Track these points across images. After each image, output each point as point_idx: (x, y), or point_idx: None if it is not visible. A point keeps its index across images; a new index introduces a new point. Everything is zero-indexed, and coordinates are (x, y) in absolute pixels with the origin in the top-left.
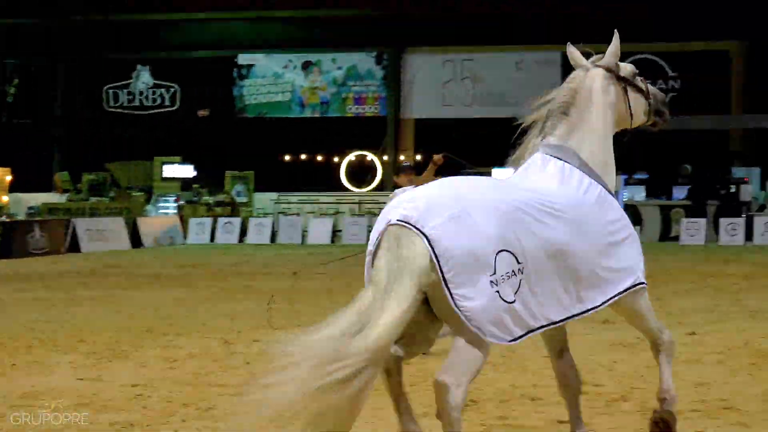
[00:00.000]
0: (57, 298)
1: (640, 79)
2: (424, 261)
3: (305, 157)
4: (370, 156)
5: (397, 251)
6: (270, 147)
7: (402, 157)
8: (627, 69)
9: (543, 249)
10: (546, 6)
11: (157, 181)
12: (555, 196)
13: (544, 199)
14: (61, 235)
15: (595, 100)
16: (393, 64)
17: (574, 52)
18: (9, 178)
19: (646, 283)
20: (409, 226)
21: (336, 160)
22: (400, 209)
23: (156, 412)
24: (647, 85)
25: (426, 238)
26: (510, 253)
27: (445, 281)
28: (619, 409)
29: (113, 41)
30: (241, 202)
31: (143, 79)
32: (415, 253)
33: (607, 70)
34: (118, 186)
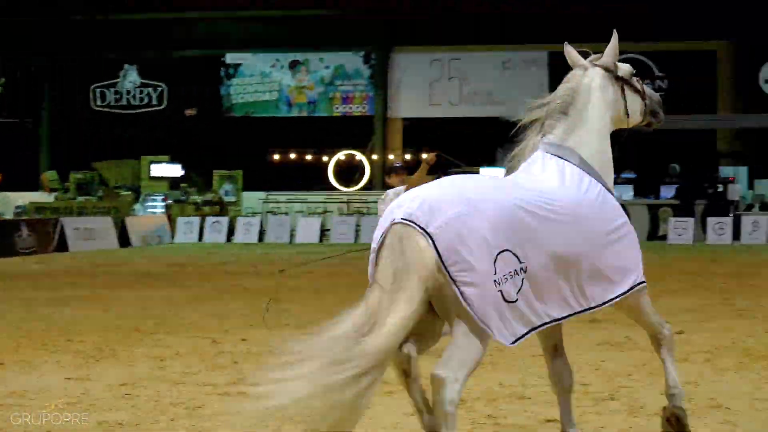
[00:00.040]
0: (45, 298)
1: (636, 79)
2: (428, 260)
3: (293, 157)
4: (358, 155)
5: (400, 250)
6: (258, 146)
7: (392, 156)
8: (624, 69)
9: (545, 247)
10: (533, 5)
11: (144, 180)
12: (556, 195)
13: (546, 198)
14: (48, 235)
15: (594, 99)
16: (380, 63)
17: (571, 52)
18: None
19: (646, 282)
20: (413, 225)
21: (324, 159)
22: (404, 208)
23: (144, 412)
24: (643, 86)
25: (430, 237)
26: (512, 253)
27: (453, 280)
28: (607, 408)
29: (100, 40)
30: (229, 201)
31: (130, 78)
32: (419, 252)
33: (605, 70)
34: (106, 185)
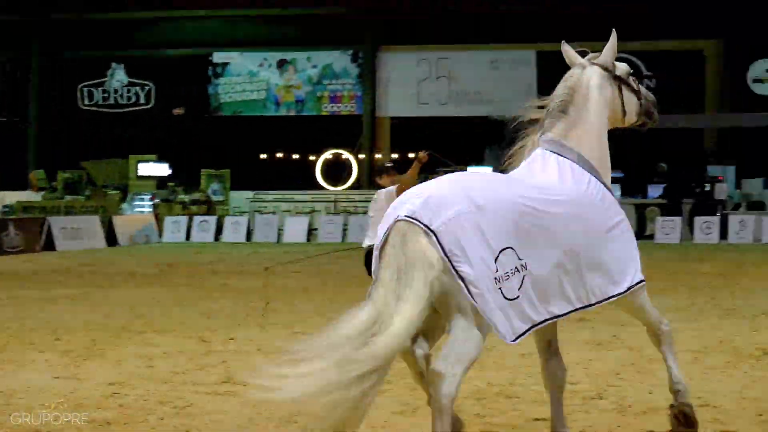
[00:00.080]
0: (32, 297)
1: (632, 79)
2: (431, 257)
3: (281, 156)
4: (346, 154)
5: (403, 247)
6: (245, 145)
7: (380, 156)
8: (622, 68)
9: (547, 244)
10: (522, 5)
11: (132, 179)
12: (558, 191)
13: (547, 194)
14: (36, 234)
15: (593, 98)
16: (368, 62)
17: (568, 51)
18: None
19: (645, 281)
20: (416, 222)
21: (312, 158)
22: (408, 205)
23: (133, 410)
24: (639, 86)
25: (433, 234)
26: (513, 251)
27: (460, 276)
28: (596, 407)
29: (88, 39)
30: (216, 200)
31: (118, 77)
32: (422, 249)
33: (603, 69)
34: (94, 184)
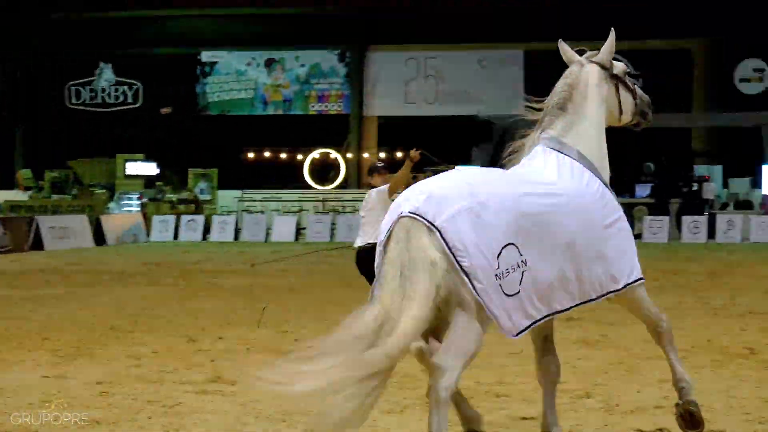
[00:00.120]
0: (20, 296)
1: (628, 78)
2: (435, 254)
3: (269, 155)
4: (333, 154)
5: (407, 244)
6: (233, 144)
7: (367, 155)
8: (619, 67)
9: (548, 240)
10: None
11: (120, 178)
12: (558, 187)
13: (548, 190)
14: (24, 233)
15: (591, 95)
16: (356, 61)
17: (566, 49)
18: None
19: (643, 278)
20: (420, 218)
21: (299, 157)
22: (412, 201)
23: (121, 410)
24: (634, 85)
25: (437, 230)
26: (515, 247)
27: (465, 271)
28: (584, 405)
29: (76, 38)
30: (204, 199)
31: (106, 76)
32: (426, 246)
33: (601, 67)
34: (81, 183)
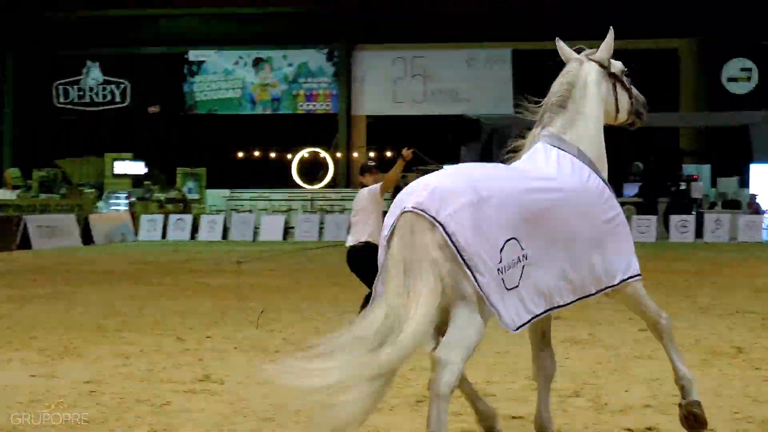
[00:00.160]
0: (8, 295)
1: (625, 78)
2: (439, 249)
3: (257, 154)
4: (322, 153)
5: (411, 239)
6: (221, 144)
7: (355, 154)
8: (617, 66)
9: (549, 235)
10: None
11: (108, 177)
12: (560, 183)
13: (550, 186)
14: (11, 232)
15: (590, 93)
16: (344, 61)
17: (563, 47)
18: None
19: (641, 274)
20: (423, 213)
21: (288, 157)
22: (415, 196)
23: (110, 409)
24: (630, 85)
25: (441, 225)
26: (517, 241)
27: (468, 266)
28: (572, 404)
29: (63, 37)
30: (192, 198)
31: (93, 75)
32: (429, 240)
33: (599, 65)
34: (69, 182)
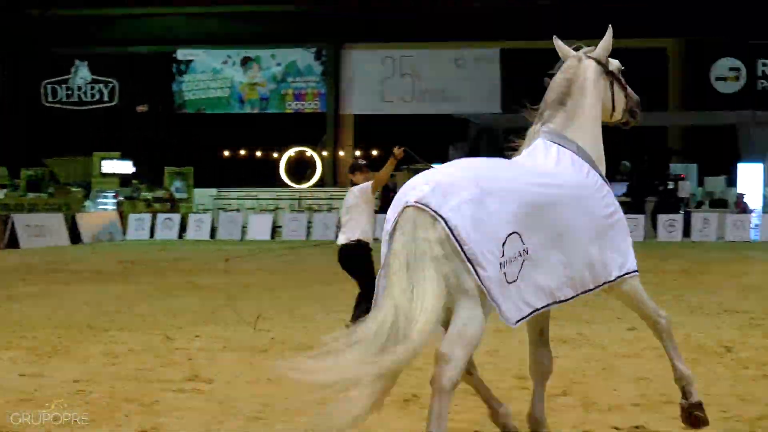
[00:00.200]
0: None
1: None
2: (441, 243)
3: (245, 153)
4: (310, 152)
5: (414, 234)
6: (209, 143)
7: (343, 153)
8: (614, 64)
9: (550, 230)
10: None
11: (96, 176)
12: (560, 178)
13: (551, 181)
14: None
15: (589, 90)
16: (332, 60)
17: (560, 44)
18: None
19: (638, 271)
20: (426, 207)
21: (276, 156)
22: (417, 191)
23: (98, 408)
24: (626, 84)
25: (443, 219)
26: (518, 236)
27: (469, 260)
28: (561, 403)
29: (51, 36)
30: (180, 197)
31: (81, 74)
32: (432, 235)
33: (597, 63)
34: (57, 182)
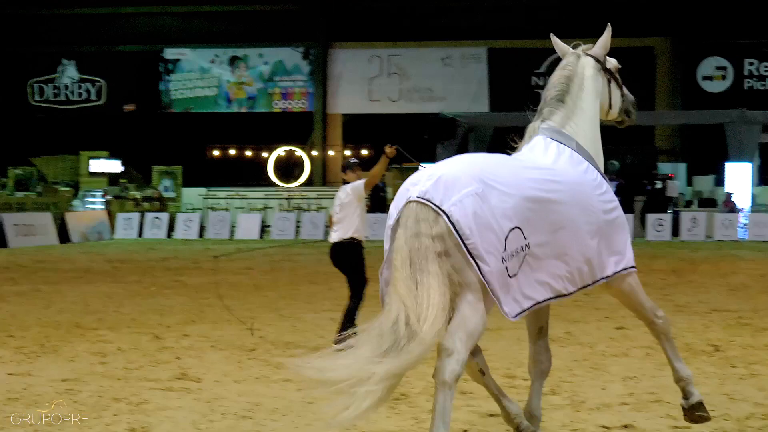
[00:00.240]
0: None
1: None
2: (443, 238)
3: (233, 153)
4: (298, 151)
5: (415, 229)
6: (197, 142)
7: (331, 152)
8: (612, 62)
9: (551, 225)
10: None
11: (84, 176)
12: (560, 174)
13: (551, 177)
14: None
15: (587, 87)
16: (319, 59)
17: (558, 42)
18: None
19: (635, 268)
20: (428, 203)
21: (264, 155)
22: (420, 186)
23: (87, 407)
24: (622, 84)
25: (445, 214)
26: (520, 230)
27: (471, 254)
28: (550, 402)
29: (38, 35)
30: (168, 197)
31: (69, 73)
32: (435, 231)
33: (596, 60)
34: (45, 181)
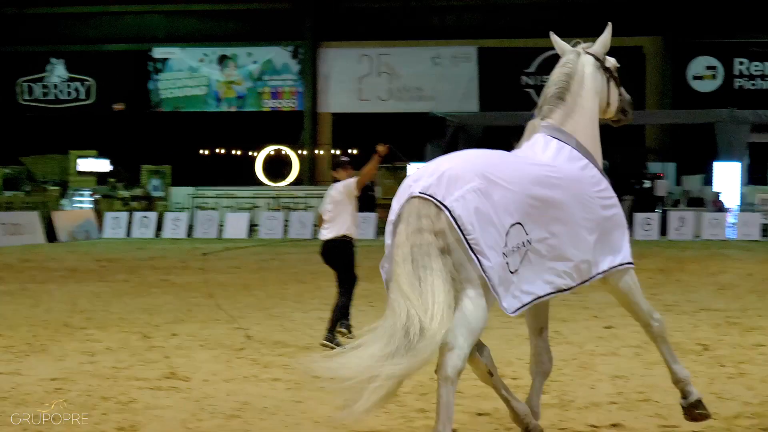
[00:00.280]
0: None
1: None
2: (445, 233)
3: (222, 152)
4: (287, 150)
5: (417, 225)
6: (186, 141)
7: (321, 152)
8: (611, 61)
9: (551, 221)
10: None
11: (72, 175)
12: (560, 171)
13: (552, 174)
14: None
15: (587, 85)
16: (309, 58)
17: (557, 40)
18: None
19: (633, 264)
20: (431, 198)
21: (253, 154)
22: (422, 181)
23: (76, 406)
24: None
25: (447, 210)
26: (521, 226)
27: (472, 249)
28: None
29: (27, 34)
30: (157, 196)
31: (58, 72)
32: (436, 226)
33: (595, 59)
34: (34, 180)
